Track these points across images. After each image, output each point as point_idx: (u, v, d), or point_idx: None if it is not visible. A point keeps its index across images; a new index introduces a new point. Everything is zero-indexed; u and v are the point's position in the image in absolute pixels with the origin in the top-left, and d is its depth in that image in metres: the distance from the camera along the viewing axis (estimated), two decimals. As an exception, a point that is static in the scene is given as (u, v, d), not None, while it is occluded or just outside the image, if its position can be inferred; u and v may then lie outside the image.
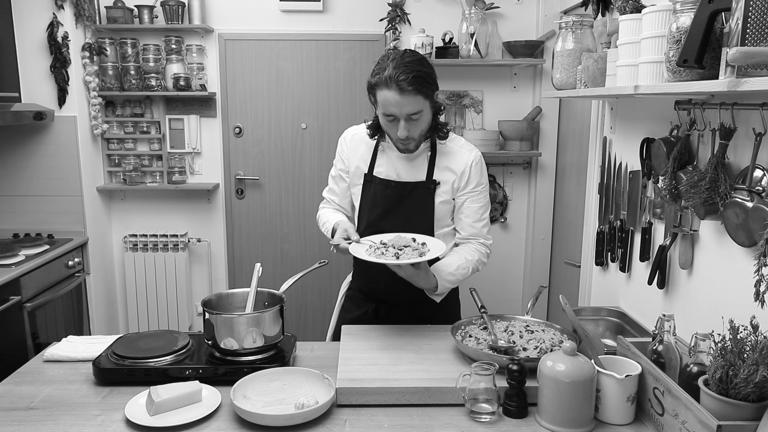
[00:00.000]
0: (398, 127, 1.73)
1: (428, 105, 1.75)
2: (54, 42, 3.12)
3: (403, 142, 1.78)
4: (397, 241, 1.71)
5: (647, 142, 1.78)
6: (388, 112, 1.72)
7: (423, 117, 1.75)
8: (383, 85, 1.69)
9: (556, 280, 3.44)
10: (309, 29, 3.57)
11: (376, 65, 1.74)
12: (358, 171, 1.93)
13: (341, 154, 1.98)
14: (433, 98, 1.77)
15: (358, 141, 1.95)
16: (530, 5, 3.33)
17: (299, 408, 1.35)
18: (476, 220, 1.89)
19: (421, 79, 1.68)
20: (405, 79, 1.65)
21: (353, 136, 1.97)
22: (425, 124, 1.78)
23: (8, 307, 2.58)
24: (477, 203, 1.88)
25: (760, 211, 1.25)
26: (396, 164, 1.88)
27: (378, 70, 1.71)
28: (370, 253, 1.68)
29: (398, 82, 1.66)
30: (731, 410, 1.14)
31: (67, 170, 3.28)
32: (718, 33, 1.25)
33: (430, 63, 1.79)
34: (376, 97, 1.74)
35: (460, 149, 1.88)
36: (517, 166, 3.46)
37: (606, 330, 1.96)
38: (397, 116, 1.72)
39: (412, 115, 1.71)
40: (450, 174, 1.85)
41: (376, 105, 1.76)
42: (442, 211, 1.87)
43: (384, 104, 1.71)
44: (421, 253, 1.68)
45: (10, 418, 1.40)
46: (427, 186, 1.84)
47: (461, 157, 1.86)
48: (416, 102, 1.70)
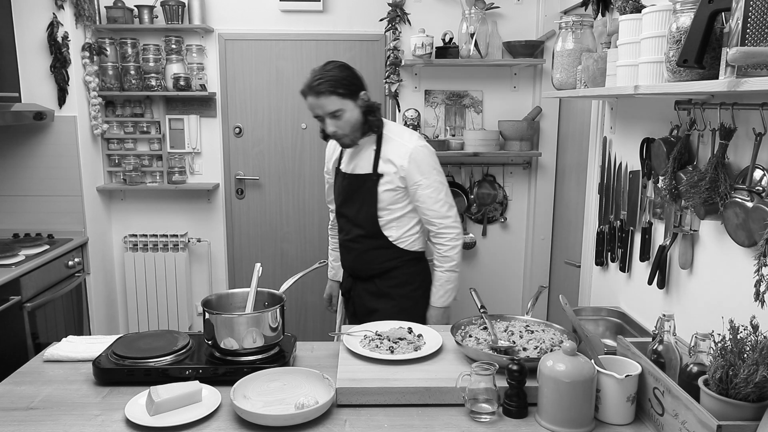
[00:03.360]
0: (325, 126, 2.04)
1: (350, 104, 2.02)
2: (54, 42, 3.12)
3: (337, 138, 2.07)
4: (392, 333, 1.72)
5: (647, 142, 1.78)
6: (314, 114, 2.04)
7: (346, 115, 2.02)
8: (305, 94, 2.02)
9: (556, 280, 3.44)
10: (309, 29, 3.57)
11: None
12: (333, 167, 2.29)
13: (326, 157, 2.35)
14: (355, 98, 2.03)
15: (333, 147, 2.29)
16: (530, 5, 3.33)
17: (299, 408, 1.35)
18: (432, 204, 2.10)
19: (334, 82, 1.98)
20: (319, 84, 1.97)
21: (330, 144, 2.31)
22: (352, 121, 2.03)
23: (8, 307, 2.58)
24: (427, 189, 2.09)
25: (760, 211, 1.25)
26: (353, 159, 2.18)
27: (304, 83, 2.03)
28: (364, 345, 1.69)
29: (313, 87, 1.98)
30: (731, 410, 1.14)
31: (67, 170, 3.28)
32: (718, 33, 1.25)
33: (353, 70, 2.05)
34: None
35: (400, 141, 2.11)
36: (517, 166, 3.46)
37: (606, 330, 1.96)
38: (322, 116, 2.02)
39: (334, 113, 2.00)
40: (391, 166, 2.08)
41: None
42: (387, 198, 2.12)
43: (310, 109, 2.03)
44: (417, 347, 1.67)
45: (10, 418, 1.40)
46: (372, 178, 2.11)
47: (401, 150, 2.08)
48: (332, 102, 1.98)
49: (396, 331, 1.74)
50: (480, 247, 3.52)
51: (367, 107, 2.07)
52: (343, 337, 1.73)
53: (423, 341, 1.72)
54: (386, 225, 2.15)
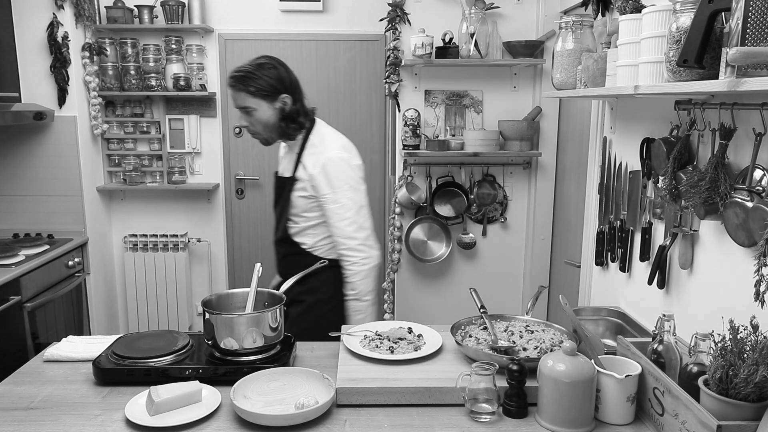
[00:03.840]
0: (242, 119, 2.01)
1: (264, 104, 1.96)
2: (54, 42, 3.12)
3: (251, 134, 2.04)
4: (392, 333, 1.72)
5: (647, 142, 1.78)
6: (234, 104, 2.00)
7: (257, 114, 1.96)
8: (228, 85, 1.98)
9: (556, 280, 3.44)
10: (309, 29, 3.57)
11: None
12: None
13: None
14: (270, 99, 1.96)
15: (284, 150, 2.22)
16: (530, 5, 3.33)
17: (299, 408, 1.35)
18: (338, 221, 1.98)
19: (246, 79, 1.93)
20: (233, 77, 1.94)
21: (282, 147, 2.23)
22: (263, 121, 1.98)
23: (8, 307, 2.58)
24: (334, 204, 1.98)
25: (760, 211, 1.25)
26: (283, 161, 2.17)
27: None
28: (364, 345, 1.69)
29: (229, 80, 1.96)
30: (731, 410, 1.14)
31: (67, 170, 3.28)
32: (718, 33, 1.25)
33: (280, 70, 1.98)
34: None
35: (321, 148, 2.01)
36: (517, 166, 3.46)
37: (606, 330, 1.96)
38: (238, 108, 1.98)
39: (244, 108, 1.96)
40: (305, 173, 2.02)
41: None
42: (301, 204, 2.04)
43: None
44: (417, 347, 1.67)
45: (10, 418, 1.40)
46: (290, 181, 2.06)
47: (315, 159, 2.00)
48: (242, 98, 1.94)
49: (396, 331, 1.74)
50: (480, 247, 3.52)
51: (286, 113, 1.99)
52: (343, 337, 1.73)
53: (423, 341, 1.72)
54: (301, 232, 2.06)
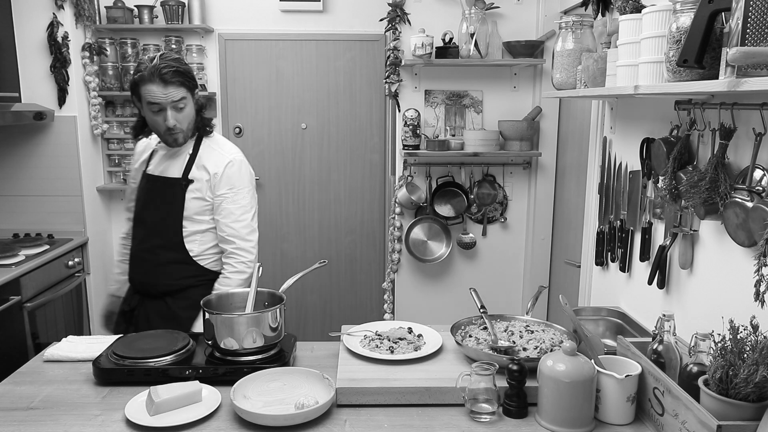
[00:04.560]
0: (165, 117, 1.90)
1: (191, 97, 1.95)
2: (54, 42, 3.12)
3: (171, 132, 1.94)
4: (392, 333, 1.72)
5: (647, 142, 1.78)
6: (154, 101, 1.87)
7: (187, 108, 1.94)
8: (147, 80, 1.86)
9: (556, 280, 3.44)
10: (309, 29, 3.57)
11: (137, 66, 1.91)
12: (139, 171, 2.12)
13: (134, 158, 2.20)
14: (194, 92, 1.96)
15: (144, 147, 2.15)
16: (530, 5, 3.33)
17: (299, 408, 1.35)
18: (234, 221, 1.99)
19: (181, 73, 1.89)
20: (168, 72, 1.86)
21: (141, 143, 2.16)
22: (190, 116, 1.96)
23: (8, 307, 2.58)
24: (233, 204, 1.99)
25: (760, 211, 1.25)
26: (163, 161, 2.05)
27: (139, 69, 1.89)
28: (364, 345, 1.69)
29: (161, 74, 1.86)
30: (731, 410, 1.14)
31: (67, 170, 3.28)
32: (718, 33, 1.25)
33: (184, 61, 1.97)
34: (140, 93, 1.89)
35: (220, 150, 2.02)
36: (517, 166, 3.46)
37: (606, 330, 1.96)
38: (163, 105, 1.88)
39: (177, 102, 1.90)
40: (204, 173, 1.98)
41: (141, 102, 1.92)
42: (195, 207, 1.99)
43: (150, 96, 1.87)
44: (417, 347, 1.67)
45: (10, 418, 1.40)
46: (180, 183, 1.99)
47: (218, 158, 2.00)
48: (179, 91, 1.89)
49: (396, 331, 1.74)
50: (480, 247, 3.52)
51: (200, 104, 2.02)
52: (343, 337, 1.73)
53: (423, 341, 1.72)
54: (189, 237, 1.99)
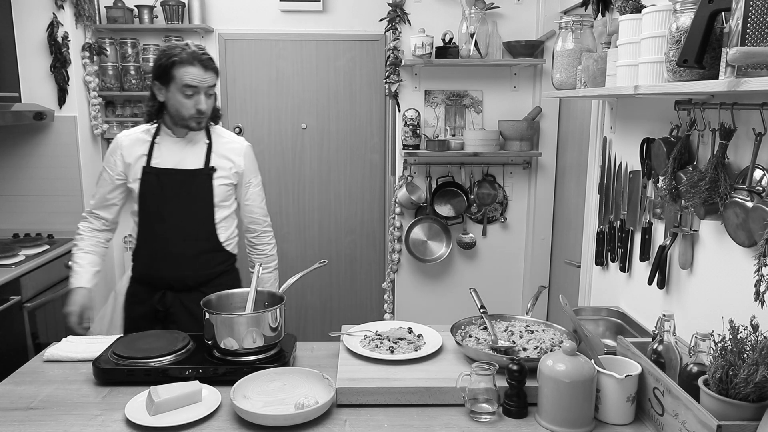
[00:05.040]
0: (198, 101, 1.93)
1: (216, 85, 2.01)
2: (54, 42, 3.12)
3: (199, 116, 1.96)
4: (392, 333, 1.72)
5: (647, 142, 1.78)
6: (191, 84, 1.91)
7: (214, 95, 2.01)
8: (186, 62, 1.90)
9: (556, 280, 3.44)
10: (309, 29, 3.57)
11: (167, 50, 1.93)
12: (136, 167, 2.03)
13: (116, 157, 2.05)
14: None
15: (133, 141, 2.05)
16: (530, 5, 3.33)
17: (299, 408, 1.35)
18: (262, 200, 2.20)
19: (214, 61, 1.97)
20: (207, 57, 1.94)
21: (128, 137, 2.07)
22: (212, 104, 2.02)
23: (8, 307, 2.58)
24: (258, 187, 2.18)
25: (760, 211, 1.25)
26: (175, 154, 2.03)
27: (173, 53, 1.91)
28: (364, 345, 1.69)
29: (201, 59, 1.92)
30: (731, 410, 1.14)
31: (67, 170, 3.28)
32: (718, 33, 1.25)
33: None
34: (173, 74, 1.91)
35: (232, 140, 2.12)
36: (517, 166, 3.45)
37: (606, 330, 1.96)
38: (199, 88, 1.93)
39: (211, 88, 1.96)
40: (226, 161, 2.06)
41: (171, 84, 1.92)
42: (221, 194, 2.06)
43: (187, 78, 1.90)
44: (417, 347, 1.68)
45: (10, 418, 1.40)
46: (206, 172, 2.03)
47: (235, 146, 2.10)
48: (213, 78, 1.96)
49: (396, 331, 1.74)
50: (480, 247, 3.51)
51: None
52: (343, 337, 1.73)
53: (423, 341, 1.72)
54: (219, 224, 2.06)
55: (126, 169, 2.04)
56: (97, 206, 2.11)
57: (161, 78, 1.94)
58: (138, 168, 2.02)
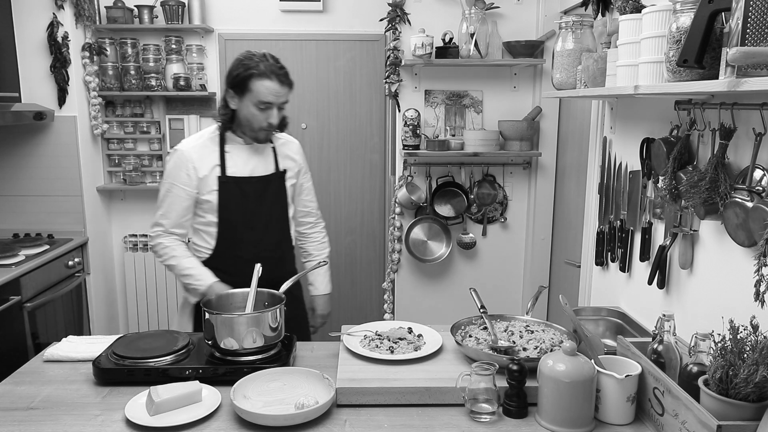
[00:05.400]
0: (270, 115, 1.92)
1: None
2: (54, 42, 3.12)
3: (268, 131, 1.97)
4: (392, 333, 1.73)
5: (647, 142, 1.78)
6: (266, 100, 1.89)
7: (285, 108, 1.99)
8: (263, 76, 1.88)
9: (556, 280, 3.44)
10: (309, 29, 3.57)
11: (244, 61, 1.92)
12: (211, 178, 1.95)
13: (188, 171, 1.94)
14: None
15: (201, 152, 1.97)
16: (530, 5, 3.33)
17: (299, 408, 1.35)
18: (314, 195, 2.26)
19: (289, 75, 1.95)
20: (284, 72, 1.92)
21: (194, 148, 1.97)
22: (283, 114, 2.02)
23: (8, 307, 2.58)
24: (310, 182, 2.25)
25: (760, 211, 1.25)
26: (246, 161, 2.02)
27: (250, 65, 1.90)
28: (364, 345, 1.69)
29: (278, 74, 1.90)
30: (731, 410, 1.14)
31: (67, 170, 3.28)
32: (718, 33, 1.25)
33: None
34: (249, 87, 1.89)
35: (288, 140, 2.17)
36: (517, 166, 3.45)
37: (606, 330, 1.96)
38: (273, 104, 1.91)
39: (283, 104, 1.95)
40: (290, 161, 2.12)
41: (246, 96, 1.90)
42: (291, 194, 2.14)
43: (264, 93, 1.89)
44: (417, 347, 1.68)
45: (10, 418, 1.40)
46: (279, 176, 2.08)
47: (293, 146, 2.17)
48: (288, 94, 1.95)
49: (396, 331, 1.74)
50: (480, 247, 3.51)
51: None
52: (343, 337, 1.73)
53: (423, 341, 1.72)
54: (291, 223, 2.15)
55: (199, 183, 1.96)
56: (173, 225, 1.99)
57: (236, 88, 1.91)
58: (213, 179, 1.96)
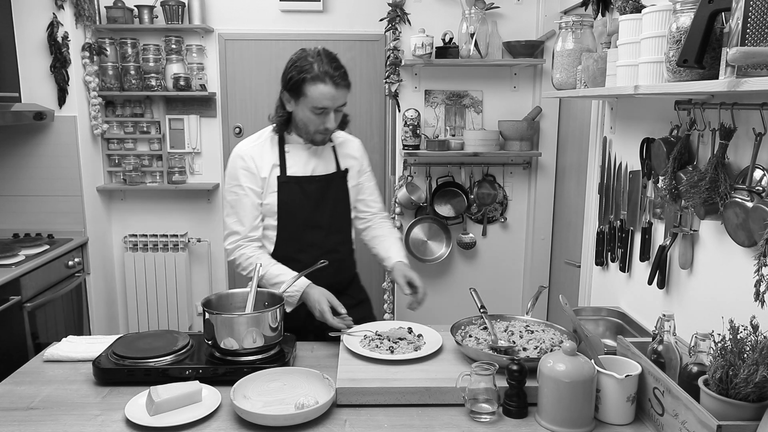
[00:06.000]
0: (327, 120, 1.83)
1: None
2: (54, 42, 3.12)
3: (324, 135, 1.89)
4: (392, 333, 1.73)
5: (647, 142, 1.78)
6: (321, 105, 1.80)
7: (343, 109, 1.89)
8: (318, 80, 1.78)
9: (556, 280, 3.44)
10: (309, 29, 3.57)
11: (298, 62, 1.81)
12: (271, 179, 1.91)
13: (249, 170, 1.90)
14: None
15: (261, 153, 1.92)
16: (530, 5, 3.33)
17: (299, 408, 1.35)
18: (378, 196, 2.14)
19: (347, 75, 1.85)
20: (339, 74, 1.80)
21: (253, 149, 1.93)
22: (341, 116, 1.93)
23: (8, 307, 2.58)
24: (372, 181, 2.13)
25: (760, 211, 1.25)
26: (307, 161, 1.95)
27: (305, 67, 1.78)
28: (364, 345, 1.69)
29: (333, 77, 1.78)
30: (731, 410, 1.14)
31: (67, 170, 3.28)
32: (718, 33, 1.25)
33: None
34: (304, 92, 1.79)
35: (347, 138, 2.08)
36: (517, 166, 3.46)
37: (606, 330, 1.96)
38: (329, 108, 1.81)
39: (341, 107, 1.85)
40: (352, 160, 2.04)
41: (301, 99, 1.82)
42: (353, 195, 2.05)
43: (318, 98, 1.79)
44: (417, 347, 1.68)
45: (10, 418, 1.40)
46: (340, 175, 2.01)
47: (353, 144, 2.08)
48: (345, 95, 1.85)
49: (396, 331, 1.74)
50: (480, 247, 3.52)
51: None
52: (343, 337, 1.73)
53: (423, 341, 1.72)
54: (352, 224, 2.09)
55: (255, 181, 1.91)
56: (250, 228, 1.94)
57: (291, 91, 1.83)
58: (272, 179, 1.90)
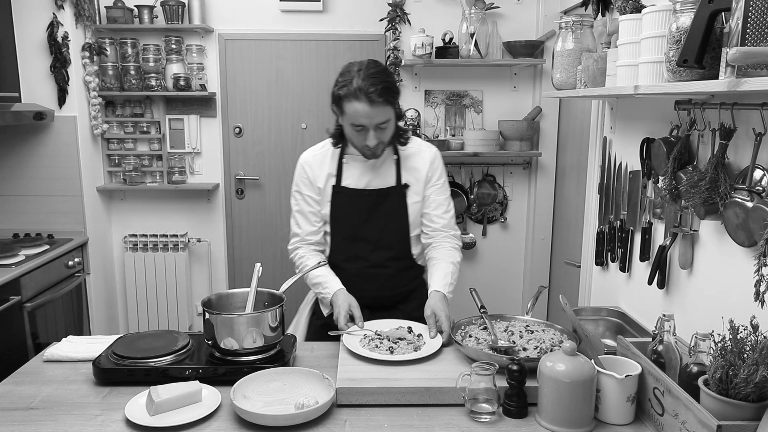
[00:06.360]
0: (367, 137, 1.77)
1: (393, 114, 1.80)
2: (54, 42, 3.12)
3: (372, 149, 1.81)
4: (392, 333, 1.72)
5: (647, 142, 1.78)
6: (357, 122, 1.75)
7: (390, 125, 1.80)
8: (352, 97, 1.72)
9: (556, 280, 3.44)
10: (309, 29, 3.57)
11: (341, 77, 1.76)
12: (327, 188, 1.92)
13: (308, 178, 1.94)
14: (397, 106, 1.82)
15: (320, 159, 1.94)
16: (530, 5, 3.33)
17: (299, 408, 1.35)
18: (445, 212, 1.96)
19: (389, 90, 1.74)
20: (375, 90, 1.70)
21: (314, 157, 1.95)
22: (392, 131, 1.83)
23: (8, 307, 2.58)
24: (442, 195, 1.95)
25: (760, 211, 1.25)
26: (364, 173, 1.91)
27: (344, 82, 1.74)
28: (363, 345, 1.69)
29: (368, 93, 1.70)
30: (731, 410, 1.14)
31: (67, 170, 3.28)
32: (718, 33, 1.25)
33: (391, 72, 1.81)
34: (343, 108, 1.76)
35: (420, 149, 1.96)
36: (517, 166, 3.46)
37: (606, 330, 1.96)
38: (367, 126, 1.75)
39: (381, 124, 1.76)
40: (417, 174, 1.92)
41: (342, 116, 1.79)
42: (415, 212, 1.93)
43: (354, 116, 1.74)
44: (417, 347, 1.67)
45: (10, 418, 1.40)
46: (399, 190, 1.90)
47: (424, 156, 1.94)
48: (385, 112, 1.75)
49: (396, 331, 1.74)
50: (480, 247, 3.52)
51: (399, 114, 1.86)
52: (343, 337, 1.73)
53: (423, 341, 1.72)
54: (413, 241, 1.96)
55: (314, 189, 1.93)
56: (307, 233, 1.97)
57: (335, 105, 1.80)
58: (328, 189, 1.92)
